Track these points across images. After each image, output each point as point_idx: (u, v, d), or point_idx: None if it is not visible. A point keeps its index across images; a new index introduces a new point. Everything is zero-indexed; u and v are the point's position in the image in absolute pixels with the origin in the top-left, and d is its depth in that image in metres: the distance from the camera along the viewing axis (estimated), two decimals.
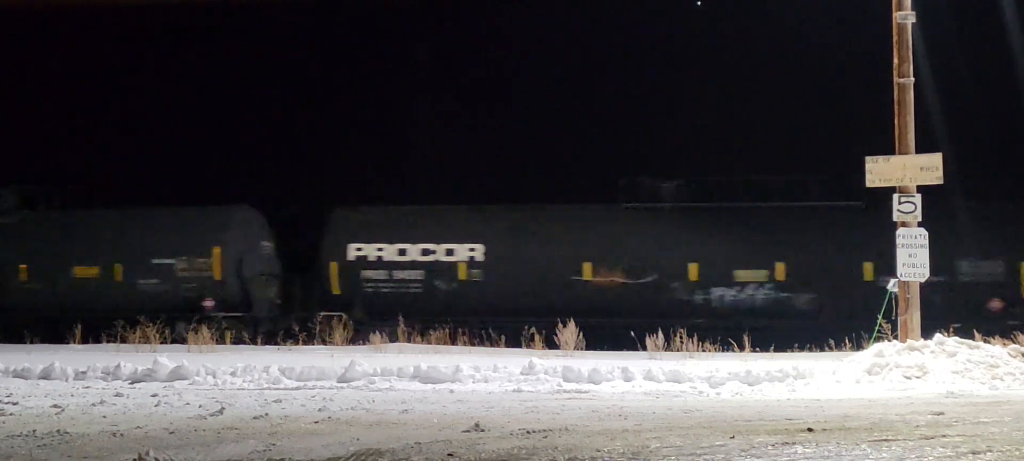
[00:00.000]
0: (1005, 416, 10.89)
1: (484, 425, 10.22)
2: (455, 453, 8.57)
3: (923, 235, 16.29)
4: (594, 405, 12.55)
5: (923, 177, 16.35)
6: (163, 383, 15.61)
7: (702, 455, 8.42)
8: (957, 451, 8.48)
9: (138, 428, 10.44)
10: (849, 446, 8.72)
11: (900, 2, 16.55)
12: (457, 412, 11.75)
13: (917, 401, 12.69)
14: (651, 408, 12.18)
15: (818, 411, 11.62)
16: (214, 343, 21.60)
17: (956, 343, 15.46)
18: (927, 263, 16.24)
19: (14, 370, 16.78)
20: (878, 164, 16.57)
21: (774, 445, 8.82)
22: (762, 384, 15.06)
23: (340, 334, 23.00)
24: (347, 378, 15.82)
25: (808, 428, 9.85)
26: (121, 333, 22.18)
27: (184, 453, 8.75)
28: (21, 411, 12.11)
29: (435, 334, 23.16)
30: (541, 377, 15.74)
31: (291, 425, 10.63)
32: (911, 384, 14.43)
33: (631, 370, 15.85)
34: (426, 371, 15.86)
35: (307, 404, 12.75)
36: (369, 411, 12.02)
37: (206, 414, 11.65)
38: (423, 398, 13.49)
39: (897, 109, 16.47)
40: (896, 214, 16.40)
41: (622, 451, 8.62)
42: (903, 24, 16.52)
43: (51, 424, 10.71)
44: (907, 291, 16.32)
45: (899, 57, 16.52)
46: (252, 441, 9.41)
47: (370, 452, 8.70)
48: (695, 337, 20.51)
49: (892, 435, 9.38)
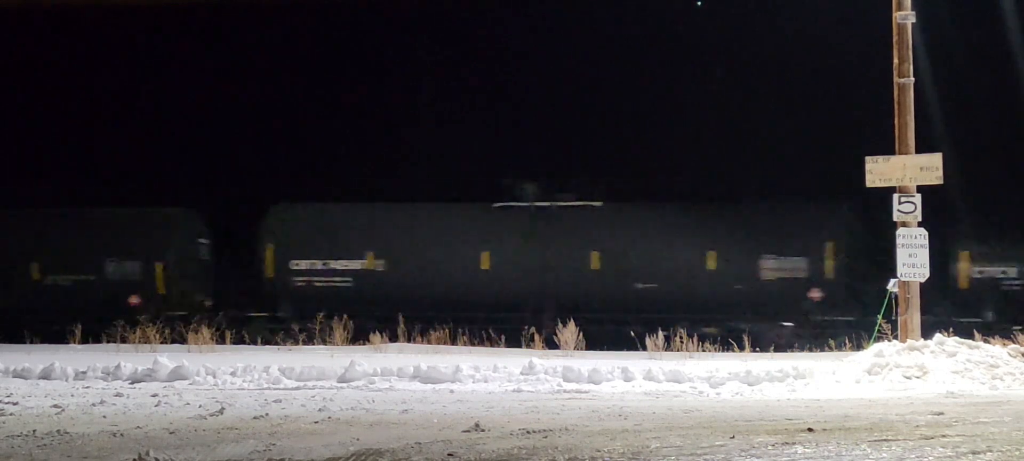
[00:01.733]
0: (1005, 416, 10.90)
1: (484, 425, 10.22)
2: (455, 453, 8.57)
3: (923, 235, 16.29)
4: (594, 405, 12.55)
5: (923, 177, 16.36)
6: (163, 383, 15.60)
7: (702, 455, 8.42)
8: (957, 451, 8.48)
9: (138, 428, 10.43)
10: (849, 446, 8.72)
11: (900, 2, 16.55)
12: (457, 412, 11.75)
13: (917, 401, 12.69)
14: (651, 408, 12.18)
15: (818, 411, 11.62)
16: (214, 343, 21.59)
17: (956, 343, 15.45)
18: (927, 263, 16.24)
19: (14, 370, 16.76)
20: (878, 164, 16.57)
21: (774, 445, 8.83)
22: (762, 384, 15.06)
23: (340, 334, 22.99)
24: (347, 378, 15.82)
25: (808, 428, 9.85)
26: (121, 333, 22.17)
27: (184, 453, 8.75)
28: (21, 411, 12.10)
29: (435, 334, 23.17)
30: (541, 377, 15.73)
31: (291, 425, 10.63)
32: (911, 384, 14.42)
33: (631, 370, 15.84)
34: (426, 371, 15.85)
35: (307, 404, 12.74)
36: (369, 411, 12.02)
37: (206, 414, 11.65)
38: (423, 398, 13.49)
39: (897, 109, 16.47)
40: (896, 214, 16.40)
41: (622, 451, 8.62)
42: (903, 24, 16.52)
43: (51, 424, 10.70)
44: (907, 291, 16.32)
45: (899, 57, 16.52)
46: (252, 441, 9.41)
47: (370, 452, 8.70)
48: (695, 337, 20.55)
49: (892, 435, 9.39)
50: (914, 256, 16.22)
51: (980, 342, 16.13)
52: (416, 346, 22.07)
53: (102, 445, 9.31)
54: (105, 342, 22.96)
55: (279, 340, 23.55)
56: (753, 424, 10.31)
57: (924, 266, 16.20)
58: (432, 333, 23.20)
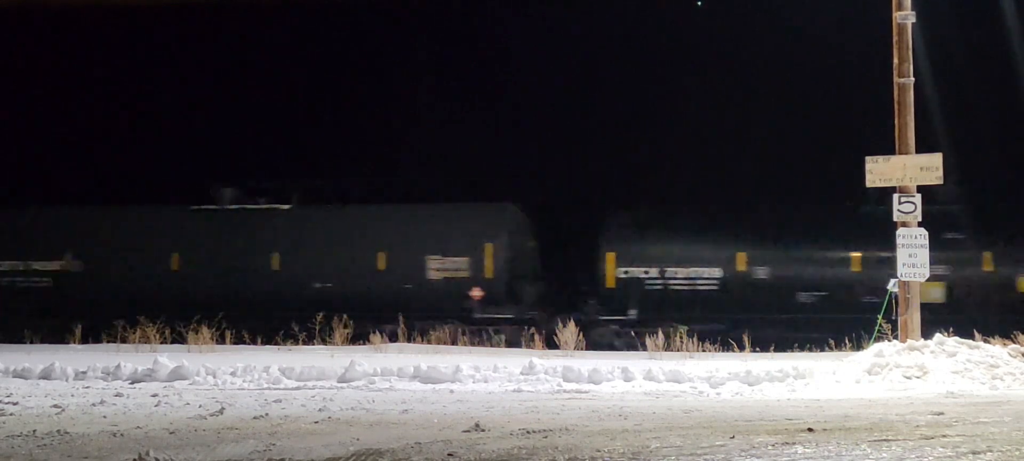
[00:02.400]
0: (1005, 416, 10.90)
1: (484, 425, 10.22)
2: (455, 453, 8.57)
3: (923, 235, 16.30)
4: (594, 405, 12.56)
5: (923, 177, 16.37)
6: (163, 383, 15.62)
7: (702, 455, 8.42)
8: (957, 451, 8.48)
9: (138, 428, 10.44)
10: (849, 446, 8.72)
11: (900, 2, 16.56)
12: (457, 412, 11.76)
13: (917, 401, 12.70)
14: (651, 408, 12.18)
15: (818, 411, 11.62)
16: (214, 343, 21.60)
17: (956, 343, 15.46)
18: (927, 263, 16.25)
19: (14, 370, 16.78)
20: (878, 164, 16.58)
21: (774, 445, 8.83)
22: (762, 384, 15.07)
23: (340, 334, 22.99)
24: (347, 378, 15.83)
25: (808, 428, 9.85)
26: (121, 333, 22.18)
27: (184, 453, 8.75)
28: (21, 411, 12.11)
29: (435, 334, 23.21)
30: (541, 377, 15.74)
31: (291, 425, 10.63)
32: (911, 384, 14.43)
33: (631, 370, 15.86)
34: (426, 371, 15.86)
35: (307, 404, 12.75)
36: (369, 411, 12.02)
37: (206, 414, 11.65)
38: (423, 398, 13.49)
39: (897, 109, 16.48)
40: (896, 214, 16.41)
41: (622, 451, 8.62)
42: (903, 24, 16.53)
43: (51, 424, 10.71)
44: (907, 291, 16.32)
45: (899, 57, 16.53)
46: (252, 441, 9.41)
47: (370, 452, 8.70)
48: (695, 337, 20.59)
49: (892, 435, 9.39)
50: (914, 256, 16.23)
51: (980, 342, 16.13)
52: (416, 346, 22.09)
53: (102, 445, 9.31)
54: (105, 342, 22.99)
55: (279, 340, 23.58)
56: (753, 424, 10.32)
57: (924, 266, 16.21)
58: (432, 333, 23.25)
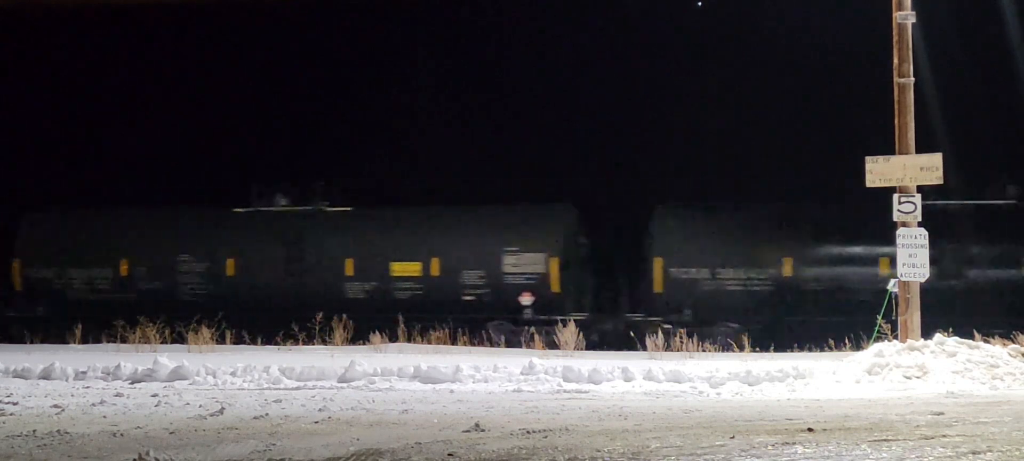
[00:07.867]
0: (1005, 416, 10.90)
1: (484, 425, 10.23)
2: (455, 453, 8.57)
3: (923, 235, 16.28)
4: (594, 405, 12.56)
5: (923, 177, 16.36)
6: (163, 383, 15.62)
7: (702, 455, 8.42)
8: (957, 451, 8.48)
9: (138, 428, 10.44)
10: (849, 446, 8.72)
11: (900, 2, 16.55)
12: (457, 412, 11.76)
13: (917, 401, 12.69)
14: (651, 408, 12.18)
15: (818, 411, 11.62)
16: (214, 343, 21.60)
17: (956, 343, 15.46)
18: (927, 263, 16.24)
19: (14, 370, 16.79)
20: (878, 164, 16.57)
21: (774, 445, 8.83)
22: (762, 384, 15.07)
23: (340, 334, 22.99)
24: (347, 378, 15.83)
25: (808, 428, 9.85)
26: (121, 333, 22.18)
27: (184, 453, 8.76)
28: (21, 411, 12.12)
29: (435, 334, 23.18)
30: (541, 377, 15.74)
31: (291, 425, 10.63)
32: (911, 384, 14.43)
33: (631, 370, 15.85)
34: (426, 371, 15.86)
35: (307, 404, 12.75)
36: (369, 411, 12.02)
37: (206, 414, 11.65)
38: (423, 398, 13.49)
39: (897, 109, 16.47)
40: (896, 214, 16.40)
41: (622, 451, 8.62)
42: (903, 24, 16.52)
43: (51, 424, 10.71)
44: (907, 291, 16.32)
45: (899, 57, 16.52)
46: (252, 441, 9.41)
47: (370, 452, 8.70)
48: (695, 337, 20.58)
49: (892, 435, 9.39)
50: (914, 256, 16.22)
51: (980, 342, 16.12)
52: (416, 346, 22.08)
53: (102, 445, 9.31)
54: (105, 342, 22.99)
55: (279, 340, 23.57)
56: (753, 424, 10.32)
57: (924, 266, 16.20)
58: (432, 333, 23.23)
